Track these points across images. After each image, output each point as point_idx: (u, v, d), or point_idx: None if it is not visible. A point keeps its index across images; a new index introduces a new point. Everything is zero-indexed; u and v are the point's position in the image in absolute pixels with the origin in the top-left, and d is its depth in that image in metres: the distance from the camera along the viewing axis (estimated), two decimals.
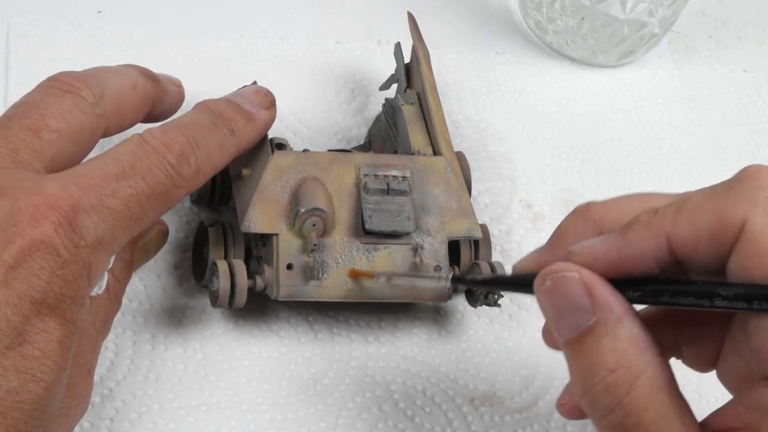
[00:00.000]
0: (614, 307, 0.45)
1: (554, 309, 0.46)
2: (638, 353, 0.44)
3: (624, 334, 0.44)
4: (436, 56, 0.66)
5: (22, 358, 0.44)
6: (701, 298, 0.45)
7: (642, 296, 0.46)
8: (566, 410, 0.50)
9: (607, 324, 0.44)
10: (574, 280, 0.45)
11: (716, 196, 0.45)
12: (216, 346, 0.57)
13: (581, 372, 0.45)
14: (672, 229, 0.45)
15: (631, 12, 0.70)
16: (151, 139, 0.50)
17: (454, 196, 0.58)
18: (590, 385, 0.44)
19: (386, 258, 0.56)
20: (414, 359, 0.59)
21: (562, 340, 0.46)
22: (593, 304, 0.45)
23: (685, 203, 0.45)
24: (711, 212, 0.45)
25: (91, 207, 0.46)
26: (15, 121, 0.49)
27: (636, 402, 0.44)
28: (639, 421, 0.43)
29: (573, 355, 0.45)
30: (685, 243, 0.45)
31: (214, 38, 0.68)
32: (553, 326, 0.46)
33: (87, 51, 0.65)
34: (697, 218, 0.45)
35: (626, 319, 0.45)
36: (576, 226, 0.49)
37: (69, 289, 0.45)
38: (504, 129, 0.70)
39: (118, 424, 0.54)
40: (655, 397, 0.44)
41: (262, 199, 0.55)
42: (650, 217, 0.46)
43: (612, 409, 0.44)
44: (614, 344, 0.44)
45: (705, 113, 0.74)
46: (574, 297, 0.45)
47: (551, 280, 0.46)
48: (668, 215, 0.45)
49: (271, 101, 0.57)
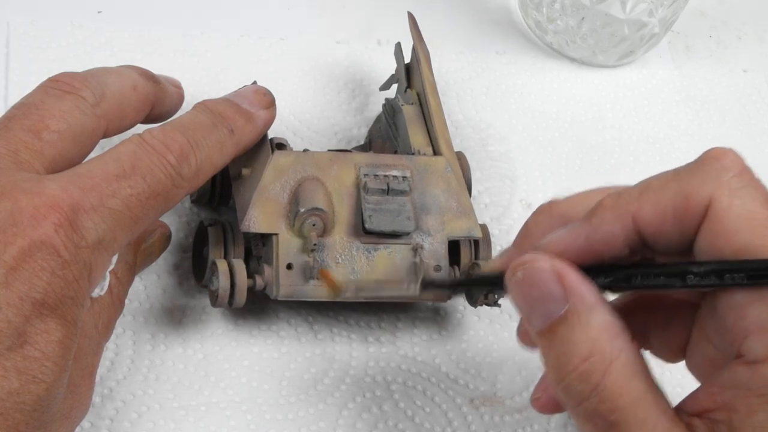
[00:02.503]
0: (586, 294, 0.45)
1: (526, 300, 0.46)
2: (611, 339, 0.44)
3: (596, 321, 0.44)
4: (436, 56, 0.66)
5: (22, 359, 0.44)
6: (672, 277, 0.45)
7: (613, 281, 0.46)
8: (540, 404, 0.50)
9: (580, 312, 0.44)
10: (545, 270, 0.45)
11: (680, 177, 0.45)
12: (216, 346, 0.57)
13: (555, 361, 0.45)
14: (637, 210, 0.46)
15: (631, 12, 0.70)
16: (150, 139, 0.50)
17: (454, 196, 0.58)
18: (564, 373, 0.44)
19: (386, 258, 0.56)
20: (414, 359, 0.59)
21: (534, 332, 0.46)
22: (565, 292, 0.45)
23: (648, 185, 0.46)
24: (675, 192, 0.45)
25: (91, 207, 0.46)
26: (15, 121, 0.49)
27: (610, 388, 0.44)
28: (614, 406, 0.43)
29: (546, 345, 0.45)
30: (651, 223, 0.45)
31: (214, 38, 0.68)
32: (525, 318, 0.46)
33: (87, 51, 0.66)
34: (661, 198, 0.45)
35: (598, 307, 0.45)
36: (541, 224, 0.49)
37: (70, 289, 0.45)
38: (504, 129, 0.70)
39: (118, 424, 0.54)
40: (629, 383, 0.44)
41: (261, 198, 0.55)
42: (614, 200, 0.46)
43: (587, 396, 0.44)
44: (587, 332, 0.44)
45: (705, 113, 0.74)
46: (545, 286, 0.45)
47: (522, 271, 0.46)
48: (632, 197, 0.46)
49: (271, 101, 0.57)
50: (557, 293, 0.45)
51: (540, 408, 0.50)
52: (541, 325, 0.45)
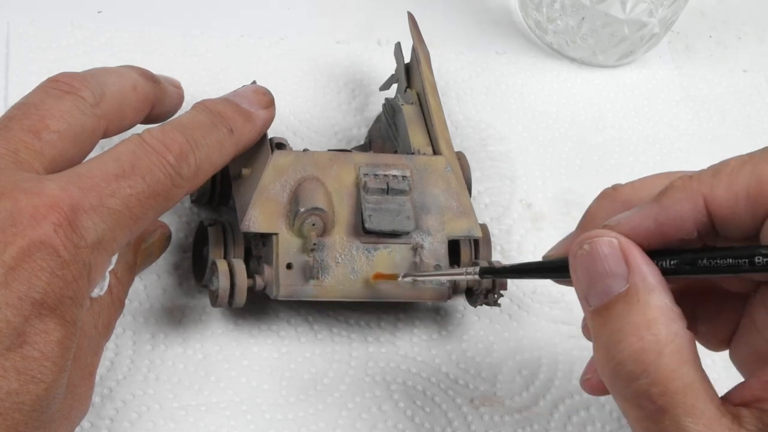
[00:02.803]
0: (648, 275, 0.45)
1: (588, 275, 0.46)
2: (668, 323, 0.44)
3: (655, 302, 0.44)
4: (436, 56, 0.66)
5: (22, 359, 0.44)
6: (740, 258, 0.45)
7: (678, 264, 0.46)
8: (590, 385, 0.50)
9: (640, 292, 0.45)
10: (612, 245, 0.45)
11: (755, 160, 0.46)
12: (216, 346, 0.57)
13: (608, 339, 0.45)
14: (710, 191, 0.46)
15: (631, 12, 0.70)
16: (150, 139, 0.50)
17: (454, 195, 0.58)
18: (615, 352, 0.44)
19: (386, 257, 0.56)
20: (414, 359, 0.59)
21: (590, 309, 0.46)
22: (628, 270, 0.45)
23: (722, 167, 0.46)
24: (750, 174, 0.45)
25: (91, 207, 0.46)
26: (15, 122, 0.49)
27: (663, 370, 0.43)
28: (665, 390, 0.43)
29: (600, 322, 0.45)
30: (723, 205, 0.45)
31: (214, 38, 0.68)
32: (583, 294, 0.46)
33: (87, 51, 0.66)
34: (736, 180, 0.45)
35: (659, 289, 0.45)
36: (605, 208, 0.49)
37: (69, 289, 0.45)
38: (504, 129, 0.70)
39: (118, 424, 0.54)
40: (682, 367, 0.44)
41: (261, 198, 0.55)
42: (686, 181, 0.46)
43: (637, 377, 0.44)
44: (645, 312, 0.44)
45: (705, 113, 0.74)
46: (609, 262, 0.45)
47: (589, 244, 0.46)
48: (705, 178, 0.46)
49: (270, 100, 0.57)
50: (620, 270, 0.45)
51: (590, 389, 0.50)
52: (598, 302, 0.45)
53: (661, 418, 0.43)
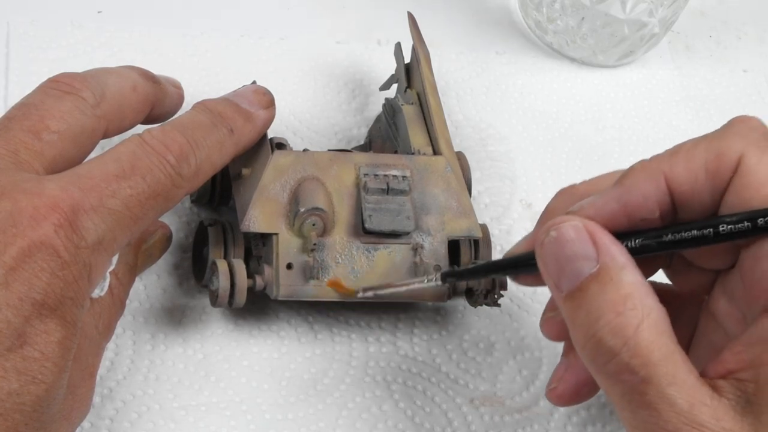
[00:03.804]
0: (617, 254, 0.46)
1: (557, 261, 0.46)
2: (642, 298, 0.45)
3: (628, 279, 0.45)
4: (436, 56, 0.66)
5: (22, 359, 0.44)
6: (705, 229, 0.46)
7: (644, 240, 0.47)
8: (556, 394, 0.51)
9: (611, 270, 0.45)
10: (578, 228, 0.46)
11: (710, 138, 0.47)
12: (216, 346, 0.57)
13: (585, 318, 0.45)
14: (670, 170, 0.47)
15: (631, 12, 0.70)
16: (150, 140, 0.50)
17: (454, 195, 0.58)
18: (595, 329, 0.45)
19: (386, 257, 0.56)
20: (414, 359, 0.59)
21: (563, 295, 0.46)
22: (597, 251, 0.45)
23: (679, 147, 0.47)
24: (707, 150, 0.47)
25: (91, 208, 0.46)
26: (15, 122, 0.49)
27: (643, 342, 0.44)
28: (646, 361, 0.44)
29: (575, 305, 0.46)
30: (683, 181, 0.47)
31: (214, 38, 0.68)
32: (553, 282, 0.46)
33: (87, 51, 0.66)
34: (694, 157, 0.47)
35: (629, 266, 0.45)
36: (564, 203, 0.50)
37: (69, 290, 0.45)
38: (504, 129, 0.70)
39: (118, 424, 0.54)
40: (660, 338, 0.44)
41: (261, 198, 0.55)
42: (645, 163, 0.48)
43: (617, 352, 0.44)
44: (619, 289, 0.45)
45: (705, 113, 0.74)
46: (578, 245, 0.46)
47: (555, 230, 0.46)
48: (664, 158, 0.47)
49: (270, 100, 0.57)
50: (589, 252, 0.46)
51: (556, 398, 0.51)
52: (570, 286, 0.46)
53: (645, 389, 0.44)
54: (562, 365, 0.51)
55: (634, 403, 0.44)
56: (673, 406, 0.43)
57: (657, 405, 0.44)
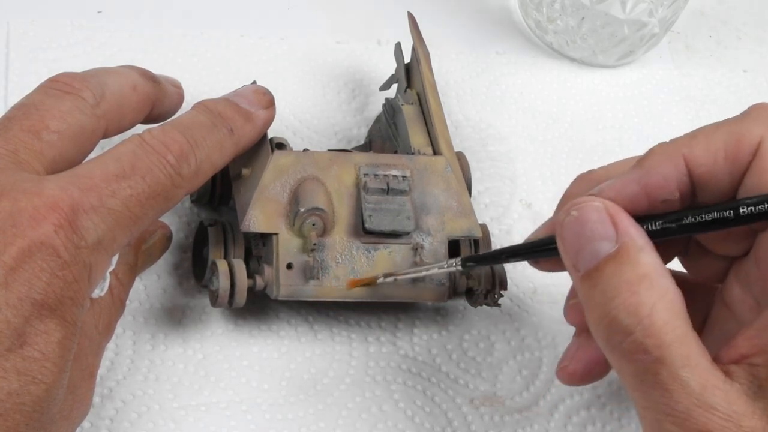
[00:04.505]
0: (636, 235, 0.46)
1: (577, 240, 0.46)
2: (659, 279, 0.45)
3: (645, 260, 0.45)
4: (436, 56, 0.66)
5: (22, 360, 0.44)
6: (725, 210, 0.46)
7: (664, 223, 0.47)
8: (567, 373, 0.51)
9: (629, 251, 0.45)
10: (599, 209, 0.46)
11: (730, 123, 0.47)
12: (216, 346, 0.57)
13: (601, 297, 0.45)
14: (689, 152, 0.47)
15: (631, 12, 0.70)
16: (150, 139, 0.50)
17: (454, 195, 0.58)
18: (611, 307, 0.45)
19: (386, 257, 0.56)
20: (414, 359, 0.59)
21: (580, 274, 0.46)
22: (616, 232, 0.46)
23: (699, 131, 0.48)
24: (727, 133, 0.47)
25: (91, 208, 0.46)
26: (15, 122, 0.49)
27: (658, 322, 0.44)
28: (660, 342, 0.44)
29: (591, 284, 0.46)
30: (703, 163, 0.47)
31: (214, 38, 0.68)
32: (571, 262, 0.47)
33: (87, 51, 0.66)
34: (714, 140, 0.47)
35: (647, 248, 0.46)
36: (582, 188, 0.50)
37: (69, 290, 0.45)
38: (504, 129, 0.70)
39: (118, 424, 0.54)
40: (675, 320, 0.44)
41: (261, 198, 0.55)
42: (664, 146, 0.48)
43: (632, 331, 0.44)
44: (635, 269, 0.45)
45: (705, 113, 0.74)
46: (598, 225, 0.46)
47: (576, 210, 0.47)
48: (684, 140, 0.48)
49: (270, 100, 0.57)
50: (609, 232, 0.46)
51: (567, 377, 0.51)
52: (589, 265, 0.46)
53: (658, 370, 0.44)
54: (573, 345, 0.51)
55: (647, 383, 0.44)
56: (686, 388, 0.44)
57: (669, 386, 0.44)
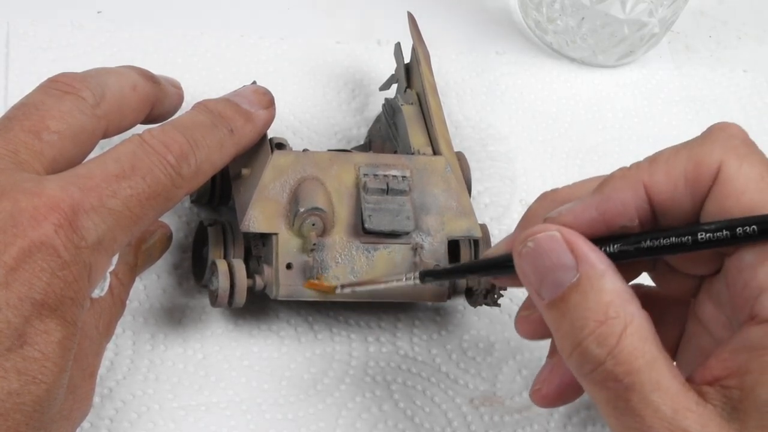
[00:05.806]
0: (596, 261, 0.45)
1: (536, 271, 0.46)
2: (624, 304, 0.45)
3: (609, 286, 0.45)
4: (436, 56, 0.66)
5: (22, 360, 0.44)
6: (683, 236, 0.46)
7: (622, 246, 0.46)
8: (540, 396, 0.51)
9: (591, 278, 0.45)
10: (556, 239, 0.46)
11: (690, 146, 0.47)
12: (216, 346, 0.57)
13: (569, 328, 0.45)
14: (649, 178, 0.46)
15: (631, 12, 0.70)
16: (150, 139, 0.50)
17: (454, 195, 0.58)
18: (580, 339, 0.45)
19: (386, 258, 0.56)
20: (414, 359, 0.59)
21: (544, 304, 0.46)
22: (576, 260, 0.45)
23: (659, 155, 0.47)
24: (686, 159, 0.46)
25: (91, 208, 0.46)
26: (15, 122, 0.49)
27: (627, 350, 0.44)
28: (630, 368, 0.44)
29: (558, 315, 0.45)
30: (663, 190, 0.46)
31: (214, 38, 0.68)
32: (534, 291, 0.46)
33: (87, 51, 0.66)
34: (673, 165, 0.46)
35: (609, 273, 0.45)
36: (545, 207, 0.50)
37: (69, 290, 0.45)
38: (504, 129, 0.70)
39: (118, 424, 0.54)
40: (644, 345, 0.44)
41: (261, 198, 0.55)
42: (625, 171, 0.47)
43: (602, 360, 0.44)
44: (600, 297, 0.45)
45: (705, 113, 0.74)
46: (556, 255, 0.45)
47: (533, 241, 0.46)
48: (643, 166, 0.47)
49: (270, 100, 0.57)
50: (568, 261, 0.45)
51: (540, 400, 0.51)
52: (552, 295, 0.45)
53: (629, 397, 0.44)
54: (546, 366, 0.51)
55: (619, 409, 0.44)
56: (657, 412, 0.43)
57: (641, 411, 0.44)
